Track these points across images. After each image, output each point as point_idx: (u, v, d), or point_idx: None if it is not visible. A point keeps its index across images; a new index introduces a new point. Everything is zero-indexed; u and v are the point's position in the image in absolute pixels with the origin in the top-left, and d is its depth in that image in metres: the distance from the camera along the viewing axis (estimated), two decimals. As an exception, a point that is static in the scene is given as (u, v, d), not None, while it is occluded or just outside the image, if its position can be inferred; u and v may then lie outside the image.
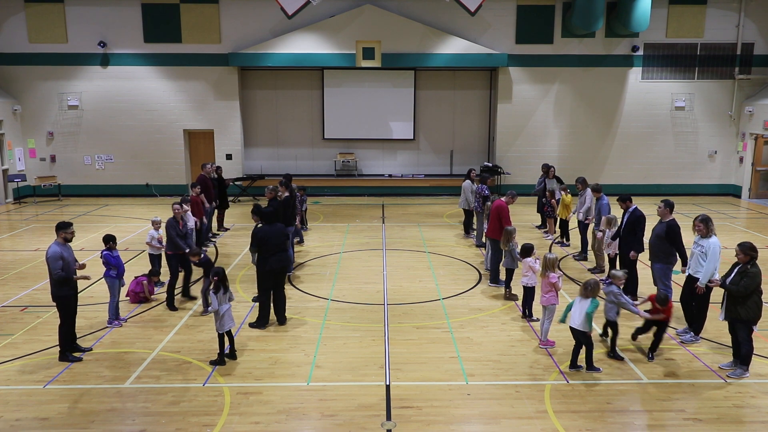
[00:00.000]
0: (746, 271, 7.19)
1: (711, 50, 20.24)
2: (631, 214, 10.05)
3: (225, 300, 7.79)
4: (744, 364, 7.43)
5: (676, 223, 9.01)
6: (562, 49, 20.16)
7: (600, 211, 11.56)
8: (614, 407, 6.81)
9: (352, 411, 6.72)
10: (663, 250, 9.00)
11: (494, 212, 10.86)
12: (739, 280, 7.20)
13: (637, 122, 20.72)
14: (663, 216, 9.09)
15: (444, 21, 19.95)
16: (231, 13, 19.83)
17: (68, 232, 8.00)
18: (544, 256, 8.45)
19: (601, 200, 11.71)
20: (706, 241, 8.14)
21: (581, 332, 7.48)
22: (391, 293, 10.66)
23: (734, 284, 7.23)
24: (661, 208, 9.11)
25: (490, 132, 21.53)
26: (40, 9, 19.53)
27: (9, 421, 6.53)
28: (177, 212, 10.10)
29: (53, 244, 7.91)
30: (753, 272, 7.17)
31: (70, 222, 8.14)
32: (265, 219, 9.16)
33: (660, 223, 9.12)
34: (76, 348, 8.15)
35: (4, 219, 17.31)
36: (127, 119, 20.29)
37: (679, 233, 8.95)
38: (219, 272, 7.83)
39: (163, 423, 6.48)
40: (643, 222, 9.97)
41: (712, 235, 8.18)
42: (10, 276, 11.69)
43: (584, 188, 12.66)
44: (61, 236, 7.97)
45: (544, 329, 8.39)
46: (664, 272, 9.06)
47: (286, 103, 21.18)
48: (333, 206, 19.19)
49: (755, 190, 20.13)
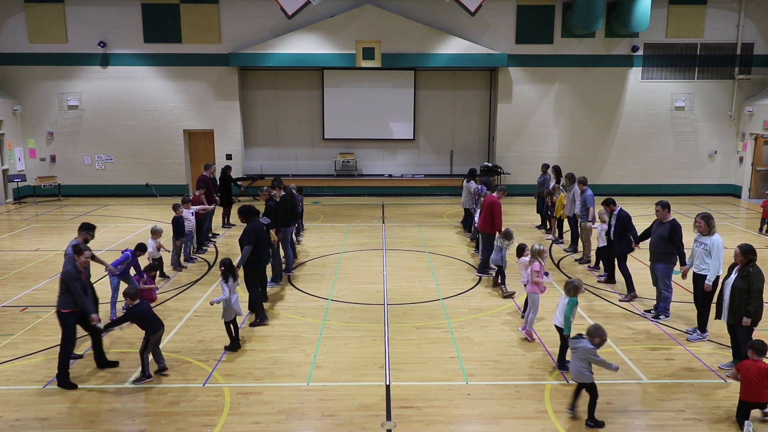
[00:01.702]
0: (748, 274, 7.19)
1: (711, 50, 20.24)
2: (618, 216, 10.41)
3: (234, 289, 8.15)
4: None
5: (677, 222, 9.09)
6: (562, 49, 20.16)
7: (585, 202, 12.11)
8: (614, 407, 6.81)
9: (352, 411, 6.72)
10: (665, 250, 9.05)
11: (486, 207, 11.29)
12: (745, 284, 7.16)
13: (637, 122, 20.72)
14: (663, 217, 9.12)
15: (444, 21, 19.95)
16: (231, 13, 19.83)
17: (90, 234, 8.33)
18: (532, 246, 8.69)
19: (584, 192, 12.25)
20: (709, 238, 8.18)
21: (560, 329, 7.56)
22: (391, 293, 10.66)
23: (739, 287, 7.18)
24: (659, 211, 9.16)
25: (490, 132, 21.53)
26: (40, 9, 19.53)
27: (9, 421, 6.53)
28: (84, 259, 7.43)
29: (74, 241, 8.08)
30: (755, 273, 7.19)
31: (94, 225, 8.50)
32: (245, 216, 9.40)
33: (661, 224, 9.14)
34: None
35: (4, 219, 17.31)
36: (127, 119, 20.29)
37: (681, 232, 8.99)
38: (226, 262, 8.22)
39: (163, 423, 6.48)
40: (630, 219, 10.37)
41: (714, 233, 8.20)
42: (10, 276, 11.69)
43: (572, 184, 13.03)
44: (83, 237, 8.26)
45: (528, 318, 8.60)
46: (666, 272, 9.13)
47: (286, 103, 21.18)
48: (333, 206, 19.19)
49: (755, 190, 20.12)
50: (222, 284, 8.08)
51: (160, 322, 7.51)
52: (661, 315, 9.36)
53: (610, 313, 9.74)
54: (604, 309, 9.90)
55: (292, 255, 12.04)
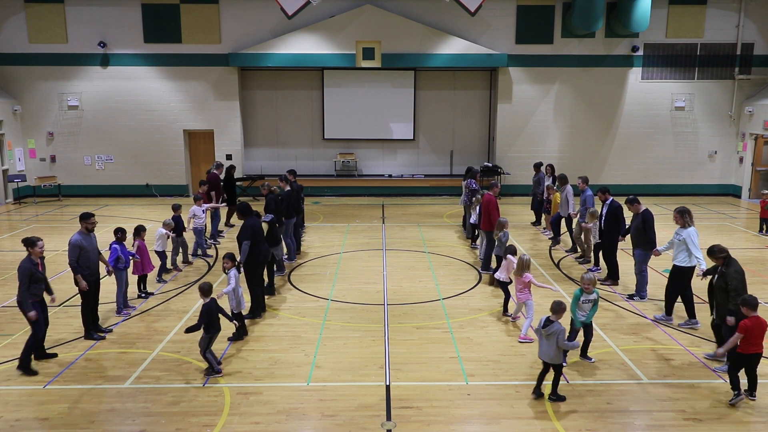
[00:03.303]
0: (723, 273, 7.47)
1: (711, 50, 20.24)
2: (610, 206, 10.89)
3: (239, 280, 8.53)
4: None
5: (649, 212, 9.98)
6: (562, 50, 20.16)
7: (585, 202, 12.36)
8: (614, 407, 6.81)
9: (352, 411, 6.72)
10: (642, 239, 9.90)
11: (484, 206, 11.67)
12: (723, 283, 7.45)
13: (637, 122, 20.72)
14: (636, 211, 10.01)
15: (444, 21, 19.95)
16: (231, 13, 19.83)
17: (89, 222, 8.52)
18: (520, 257, 8.92)
19: (584, 192, 12.51)
20: (685, 231, 8.84)
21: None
22: (391, 293, 10.66)
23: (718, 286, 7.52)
24: (630, 207, 10.10)
25: (490, 132, 21.53)
26: (40, 9, 19.53)
27: (9, 421, 6.53)
28: (38, 251, 7.63)
29: (76, 233, 8.48)
30: (729, 272, 7.38)
31: (92, 213, 8.68)
32: (241, 213, 9.61)
33: (635, 216, 10.01)
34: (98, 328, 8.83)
35: (4, 219, 17.31)
36: (127, 119, 20.29)
37: (653, 220, 9.90)
38: (232, 255, 8.66)
39: (163, 423, 6.48)
40: (621, 211, 10.83)
41: (689, 226, 8.85)
42: (11, 276, 11.68)
43: (563, 185, 13.30)
44: (84, 226, 8.51)
45: (525, 326, 8.76)
46: (643, 258, 10.00)
47: (286, 103, 21.18)
48: (333, 206, 19.18)
49: (755, 190, 20.11)
50: (231, 273, 8.43)
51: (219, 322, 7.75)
52: (636, 296, 10.22)
53: (617, 314, 9.74)
54: (612, 310, 9.90)
55: (293, 245, 12.53)
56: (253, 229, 9.24)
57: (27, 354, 7.65)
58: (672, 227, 9.69)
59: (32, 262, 7.59)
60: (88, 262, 8.40)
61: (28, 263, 7.54)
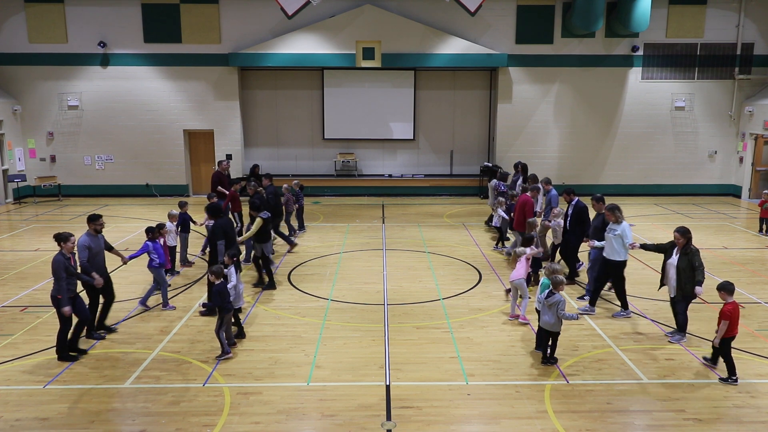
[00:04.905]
0: (688, 253, 8.13)
1: (711, 50, 20.24)
2: (575, 206, 11.00)
3: (240, 278, 8.79)
4: (681, 331, 8.57)
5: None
6: (562, 49, 20.16)
7: (549, 202, 12.52)
8: (614, 407, 6.81)
9: (352, 411, 6.72)
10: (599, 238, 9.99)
11: (519, 206, 11.90)
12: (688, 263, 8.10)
13: (637, 122, 20.72)
14: (599, 209, 10.24)
15: (444, 21, 19.95)
16: (231, 13, 19.83)
17: (98, 223, 8.56)
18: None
19: (549, 192, 12.68)
20: (618, 226, 9.25)
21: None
22: (391, 293, 10.66)
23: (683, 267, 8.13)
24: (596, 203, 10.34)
25: (490, 132, 21.52)
26: (40, 9, 19.52)
27: (9, 421, 6.53)
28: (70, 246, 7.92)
29: (84, 234, 8.48)
30: (693, 251, 8.14)
31: (100, 215, 8.68)
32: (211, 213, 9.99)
33: (597, 215, 10.31)
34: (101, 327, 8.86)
35: (4, 219, 17.31)
36: (127, 119, 20.29)
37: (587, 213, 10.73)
38: (231, 253, 8.82)
39: (163, 423, 6.48)
40: (586, 212, 10.96)
41: (621, 221, 9.26)
42: (10, 276, 11.69)
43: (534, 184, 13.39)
44: (92, 228, 8.54)
45: (523, 305, 9.19)
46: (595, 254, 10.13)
47: (286, 103, 21.18)
48: (333, 206, 19.18)
49: (755, 190, 20.10)
50: (231, 270, 8.53)
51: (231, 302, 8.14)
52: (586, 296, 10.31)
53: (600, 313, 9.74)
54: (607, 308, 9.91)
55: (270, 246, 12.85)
56: (222, 229, 9.57)
57: (62, 344, 7.91)
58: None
59: (65, 256, 7.73)
60: (95, 264, 8.44)
61: (61, 257, 7.69)
